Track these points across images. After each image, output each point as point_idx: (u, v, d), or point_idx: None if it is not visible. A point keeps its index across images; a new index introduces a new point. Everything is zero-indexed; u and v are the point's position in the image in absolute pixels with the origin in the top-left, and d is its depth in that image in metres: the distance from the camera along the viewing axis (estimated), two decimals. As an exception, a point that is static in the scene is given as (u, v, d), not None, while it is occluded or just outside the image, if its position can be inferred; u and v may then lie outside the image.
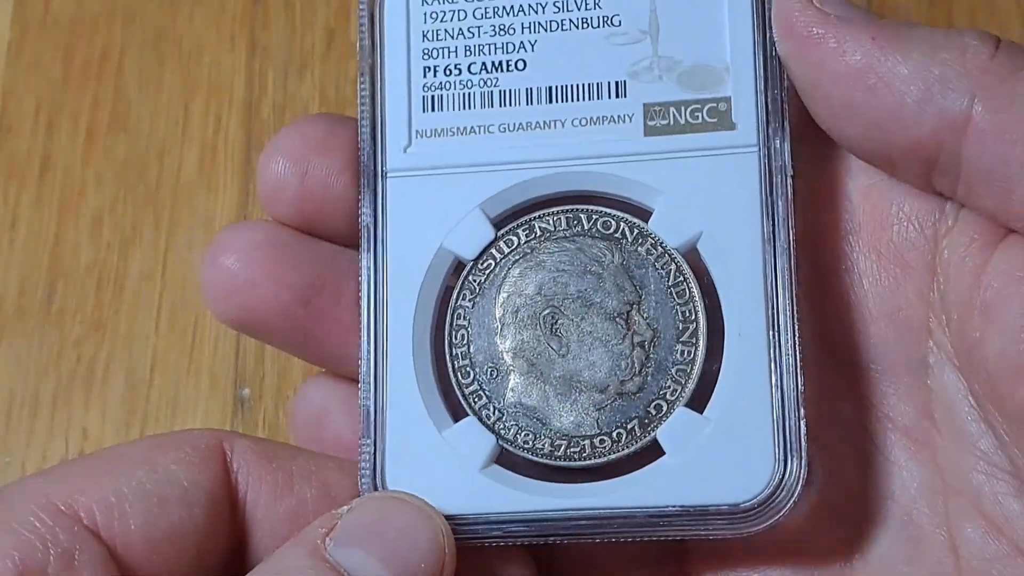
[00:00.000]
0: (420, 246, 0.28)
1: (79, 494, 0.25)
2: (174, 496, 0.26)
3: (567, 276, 0.28)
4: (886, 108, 0.26)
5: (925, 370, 0.28)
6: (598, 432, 0.28)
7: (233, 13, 0.45)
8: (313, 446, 0.30)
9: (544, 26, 0.29)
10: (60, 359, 0.41)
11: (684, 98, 0.28)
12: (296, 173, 0.29)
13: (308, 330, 0.29)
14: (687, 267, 0.28)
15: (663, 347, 0.28)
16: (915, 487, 0.28)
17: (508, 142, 0.28)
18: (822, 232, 0.29)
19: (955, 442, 0.28)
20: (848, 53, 0.26)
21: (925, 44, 0.26)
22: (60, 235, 0.43)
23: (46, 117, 0.44)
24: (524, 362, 0.28)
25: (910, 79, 0.25)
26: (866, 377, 0.29)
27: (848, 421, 0.29)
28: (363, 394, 0.28)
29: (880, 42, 0.26)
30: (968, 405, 0.27)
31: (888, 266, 0.28)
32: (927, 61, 0.25)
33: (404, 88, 0.29)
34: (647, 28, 0.28)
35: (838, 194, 0.29)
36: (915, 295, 0.28)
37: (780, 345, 0.27)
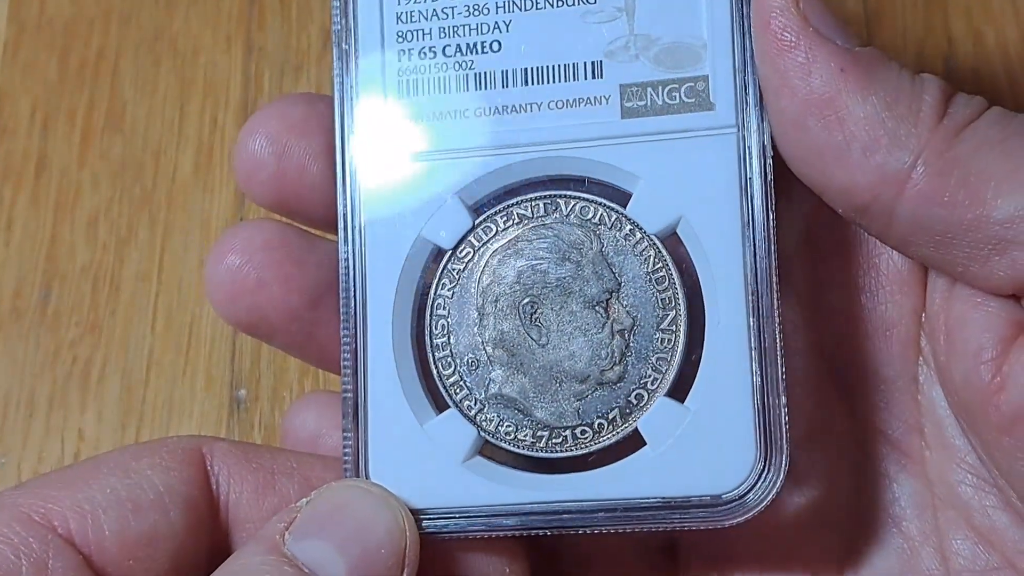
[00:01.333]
0: (398, 235, 0.28)
1: (52, 503, 0.25)
2: (148, 501, 0.26)
3: (546, 264, 0.28)
4: (832, 144, 0.25)
5: (916, 386, 0.28)
6: (579, 422, 0.28)
7: (229, 13, 0.45)
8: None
9: (519, 5, 0.28)
10: (56, 360, 0.41)
11: (661, 78, 0.27)
12: (273, 153, 0.29)
13: (313, 332, 0.29)
14: (666, 253, 0.28)
15: (643, 335, 0.27)
16: (906, 500, 0.28)
17: (484, 127, 0.28)
18: (822, 246, 0.29)
19: (944, 456, 0.28)
20: (813, 75, 0.25)
21: (888, 90, 0.25)
22: (56, 236, 0.43)
23: (42, 118, 0.44)
24: (504, 352, 0.28)
25: (863, 124, 0.25)
26: (860, 391, 0.29)
27: (841, 433, 0.29)
28: (345, 386, 0.28)
29: (847, 75, 0.25)
30: (955, 421, 0.28)
31: (885, 283, 0.28)
32: (884, 110, 0.25)
33: (379, 72, 0.28)
34: (623, 5, 0.28)
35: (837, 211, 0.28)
36: (909, 313, 0.28)
37: (761, 333, 0.26)
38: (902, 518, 0.28)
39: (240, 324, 0.29)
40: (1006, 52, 0.42)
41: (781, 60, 0.26)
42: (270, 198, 0.29)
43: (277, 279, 0.28)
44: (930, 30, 0.43)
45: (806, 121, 0.26)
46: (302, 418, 0.31)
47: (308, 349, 0.30)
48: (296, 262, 0.29)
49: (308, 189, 0.29)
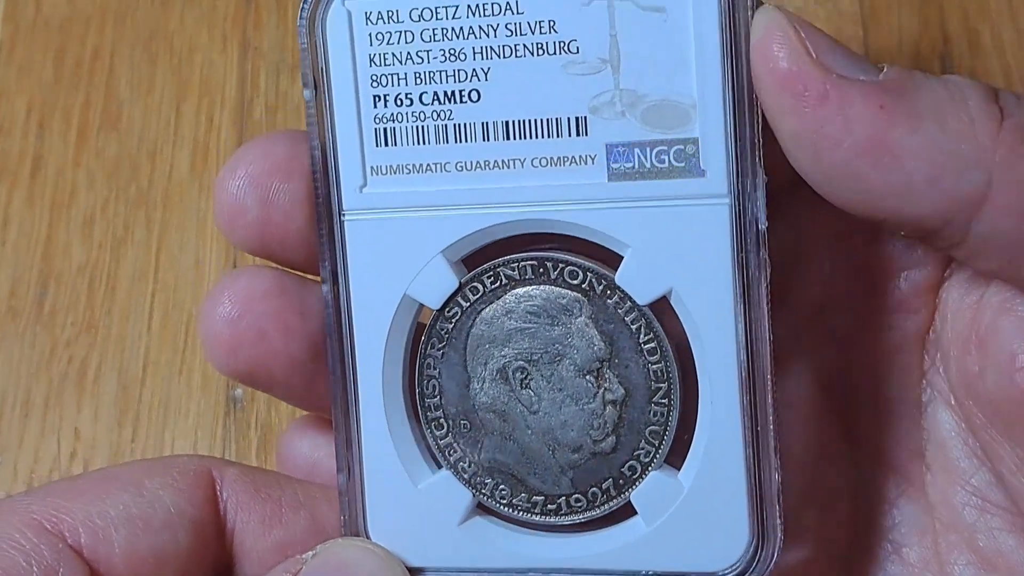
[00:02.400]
0: (384, 292, 0.27)
1: (65, 514, 0.25)
2: (159, 520, 0.26)
3: (535, 328, 0.27)
4: (891, 182, 0.24)
5: (918, 409, 0.28)
6: (573, 491, 0.27)
7: (225, 13, 0.45)
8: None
9: (497, 51, 0.26)
10: (52, 359, 0.41)
11: (649, 138, 0.26)
12: (258, 199, 0.27)
13: (315, 382, 0.28)
14: (658, 324, 0.27)
15: (636, 407, 0.27)
16: (906, 525, 0.28)
17: (467, 182, 0.27)
18: (824, 270, 0.28)
19: (947, 479, 0.28)
20: (854, 122, 0.24)
21: (933, 110, 0.24)
22: (52, 235, 0.43)
23: (37, 117, 0.44)
24: (496, 417, 0.27)
25: (920, 155, 0.24)
26: (859, 414, 0.29)
27: (840, 459, 0.29)
28: (338, 446, 0.27)
29: (889, 111, 0.24)
30: (961, 443, 0.27)
31: (888, 305, 0.28)
32: (938, 135, 0.24)
33: (354, 119, 0.27)
34: (607, 57, 0.26)
35: (841, 234, 0.28)
36: (912, 336, 0.28)
37: (755, 410, 0.26)
38: (902, 544, 0.28)
39: (239, 376, 0.28)
40: (1002, 51, 0.42)
41: (814, 115, 0.24)
42: (253, 243, 0.28)
43: (278, 330, 0.28)
44: (926, 29, 0.43)
45: (859, 170, 0.24)
46: (296, 446, 0.30)
47: (309, 398, 0.29)
48: (296, 311, 0.28)
49: (293, 234, 0.28)
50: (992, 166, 0.24)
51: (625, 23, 0.26)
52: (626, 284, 0.27)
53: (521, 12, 0.26)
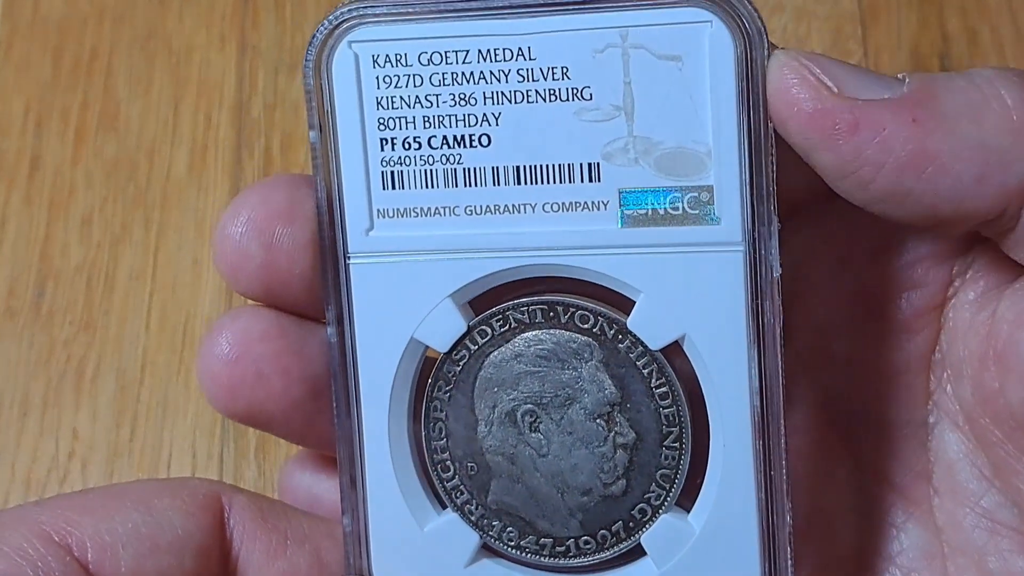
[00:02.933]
0: (390, 336, 0.27)
1: (74, 527, 0.25)
2: (166, 543, 0.26)
3: (545, 372, 0.27)
4: (941, 190, 0.24)
5: (925, 430, 0.28)
6: (582, 533, 0.27)
7: (223, 12, 0.45)
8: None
9: (508, 97, 0.26)
10: (50, 359, 0.41)
11: (662, 185, 0.26)
12: (261, 244, 0.27)
13: (314, 421, 0.28)
14: (670, 369, 0.26)
15: (647, 450, 0.27)
16: (914, 549, 0.28)
17: (476, 227, 0.26)
18: (825, 291, 0.28)
19: (955, 502, 0.27)
20: (893, 143, 0.24)
21: (965, 109, 0.24)
22: (50, 235, 0.43)
23: (35, 117, 0.44)
24: (505, 460, 0.27)
25: (963, 156, 0.24)
26: (863, 438, 0.28)
27: (845, 483, 0.28)
28: (343, 489, 0.27)
29: (921, 123, 0.24)
30: (970, 464, 0.27)
31: (892, 327, 0.28)
32: (977, 131, 0.24)
33: (361, 162, 0.27)
34: (621, 104, 0.26)
35: (841, 254, 0.28)
36: (917, 356, 0.28)
37: (768, 456, 0.26)
38: (911, 569, 0.28)
39: (238, 416, 0.28)
40: (1001, 50, 0.42)
41: (850, 148, 0.24)
42: (257, 289, 0.28)
43: (277, 371, 0.27)
44: (925, 28, 0.43)
45: (907, 186, 0.24)
46: (296, 480, 0.30)
47: (308, 437, 0.29)
48: (295, 352, 0.27)
49: (297, 279, 0.27)
50: None
51: (639, 71, 0.26)
52: (638, 329, 0.26)
53: (534, 58, 0.26)
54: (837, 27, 0.43)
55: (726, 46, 0.25)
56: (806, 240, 0.28)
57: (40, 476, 0.40)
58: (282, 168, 0.43)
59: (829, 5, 0.43)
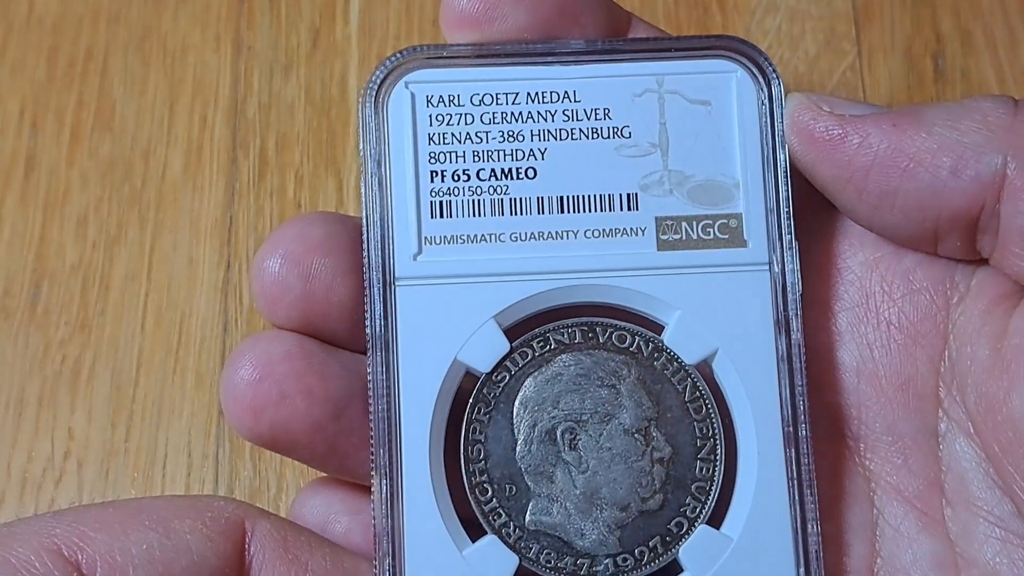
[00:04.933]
0: (433, 358, 0.28)
1: (87, 543, 0.25)
2: (180, 568, 0.25)
3: (584, 390, 0.28)
4: (923, 186, 0.26)
5: (936, 440, 0.28)
6: (621, 551, 0.28)
7: (218, 12, 0.45)
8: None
9: (554, 134, 0.28)
10: (45, 359, 0.41)
11: (695, 213, 0.28)
12: (299, 276, 0.28)
13: (336, 444, 0.28)
14: (704, 384, 0.28)
15: (683, 464, 0.28)
16: (926, 560, 0.28)
17: (520, 252, 0.28)
18: (828, 304, 0.29)
19: (967, 511, 0.27)
20: (874, 144, 0.26)
21: (946, 118, 0.26)
22: (45, 235, 0.43)
23: (30, 117, 0.44)
24: (543, 479, 0.28)
25: (940, 152, 0.26)
26: (874, 448, 0.29)
27: (856, 494, 0.29)
28: (378, 512, 0.27)
29: (902, 126, 0.26)
30: (982, 473, 0.27)
31: (898, 336, 0.28)
32: (952, 132, 0.26)
33: (412, 192, 0.28)
34: (657, 141, 0.28)
35: (842, 267, 0.29)
36: (926, 365, 0.28)
37: (798, 463, 0.27)
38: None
39: (262, 439, 0.28)
40: (995, 50, 0.42)
41: (840, 152, 0.27)
42: (297, 320, 0.28)
43: (300, 392, 0.28)
44: (918, 28, 0.43)
45: (889, 185, 0.26)
46: (310, 506, 0.30)
47: (329, 461, 0.29)
48: (318, 373, 0.28)
49: (336, 308, 0.28)
50: (1007, 150, 0.25)
51: (673, 113, 0.28)
52: (674, 344, 0.28)
53: (578, 100, 0.28)
54: (831, 27, 0.43)
55: (750, 92, 0.28)
56: (808, 255, 0.28)
57: (35, 476, 0.40)
58: (277, 169, 0.43)
59: (823, 5, 0.43)
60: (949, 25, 0.43)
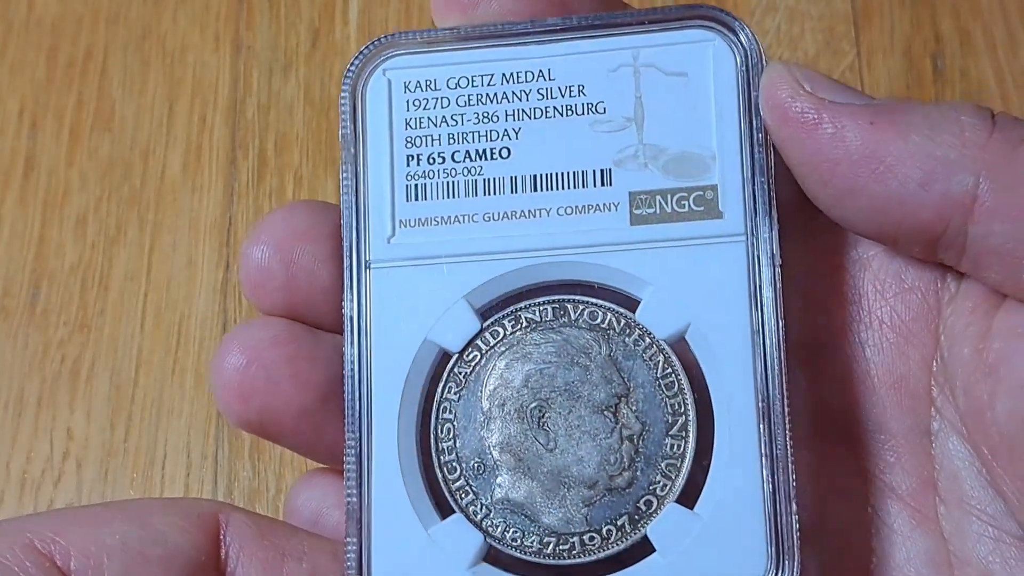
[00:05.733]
0: (404, 338, 0.28)
1: (60, 537, 0.25)
2: (155, 557, 0.26)
3: (554, 368, 0.28)
4: (890, 192, 0.25)
5: (929, 439, 0.28)
6: (587, 529, 0.27)
7: (217, 12, 0.45)
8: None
9: (528, 113, 0.28)
10: (45, 359, 0.41)
11: (670, 186, 0.28)
12: (281, 261, 0.28)
13: (323, 429, 0.28)
14: (676, 359, 0.27)
15: (652, 441, 0.27)
16: (920, 558, 0.28)
17: (493, 231, 0.28)
18: (821, 302, 0.29)
19: (961, 510, 0.27)
20: (848, 139, 0.26)
21: (924, 125, 0.25)
22: (44, 235, 0.43)
23: (30, 117, 0.44)
24: (511, 457, 0.27)
25: (912, 162, 0.25)
26: (868, 447, 0.28)
27: (849, 492, 0.28)
28: (348, 490, 0.27)
29: (880, 126, 0.25)
30: (975, 472, 0.27)
31: (890, 335, 0.28)
32: (928, 143, 0.25)
33: (387, 177, 0.28)
34: (632, 115, 0.28)
35: (836, 264, 0.28)
36: (918, 363, 0.28)
37: (772, 440, 0.27)
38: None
39: (250, 424, 0.28)
40: (994, 50, 0.42)
41: (812, 139, 0.26)
42: (280, 306, 0.28)
43: (287, 376, 0.28)
44: (918, 28, 0.43)
45: (857, 183, 0.26)
46: (304, 498, 0.30)
47: (317, 447, 0.29)
48: (307, 359, 0.28)
49: (318, 294, 0.28)
50: (980, 169, 0.25)
51: (649, 86, 0.28)
52: (647, 320, 0.28)
53: (553, 78, 0.28)
54: (830, 27, 0.43)
55: (727, 61, 0.28)
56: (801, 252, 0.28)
57: (35, 476, 0.40)
58: (276, 169, 0.43)
59: (822, 6, 0.43)
60: (948, 25, 0.43)
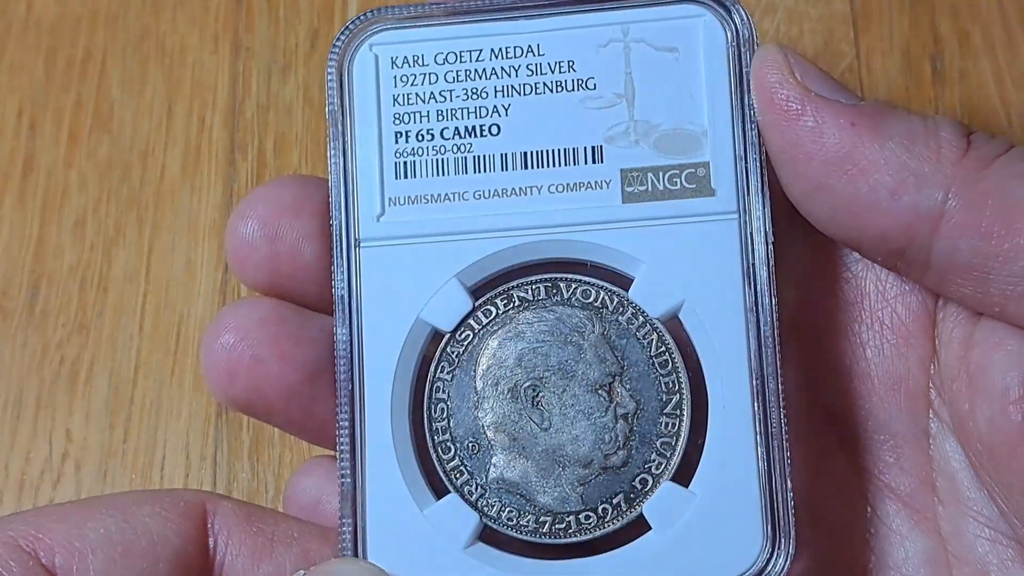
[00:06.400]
0: (396, 318, 0.28)
1: (44, 534, 0.25)
2: (140, 548, 0.26)
3: (547, 347, 0.28)
4: (859, 195, 0.25)
5: (927, 439, 0.28)
6: (583, 508, 0.27)
7: (216, 14, 0.45)
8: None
9: (518, 89, 0.28)
10: (44, 360, 0.41)
11: (662, 163, 0.27)
12: (265, 236, 0.28)
13: (312, 409, 0.28)
14: (669, 337, 0.27)
15: (647, 419, 0.27)
16: (918, 557, 0.28)
17: (483, 209, 0.28)
18: (824, 302, 0.29)
19: (958, 510, 0.27)
20: (826, 136, 0.26)
21: (903, 134, 0.25)
22: (43, 236, 0.43)
23: (29, 118, 0.44)
24: (506, 436, 0.27)
25: (885, 169, 0.25)
26: (867, 447, 0.28)
27: (849, 492, 0.29)
28: (342, 471, 0.27)
29: (859, 129, 0.25)
30: (971, 473, 0.27)
31: (891, 336, 0.28)
32: (904, 152, 0.25)
33: (376, 154, 0.28)
34: (622, 92, 0.28)
35: (839, 265, 0.29)
36: (917, 365, 0.28)
37: (766, 417, 0.26)
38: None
39: (237, 403, 0.29)
40: (992, 52, 0.42)
41: (791, 130, 0.26)
42: (263, 281, 0.29)
43: (274, 356, 0.28)
44: (916, 30, 0.43)
45: (828, 181, 0.26)
46: (304, 485, 0.30)
47: (307, 426, 0.29)
48: (293, 338, 0.28)
49: (302, 270, 0.28)
50: (950, 186, 0.25)
51: (640, 62, 0.28)
52: (640, 298, 0.28)
53: (542, 54, 0.28)
54: (829, 28, 0.43)
55: (718, 36, 0.28)
56: (801, 251, 0.28)
57: (33, 477, 0.40)
58: (275, 170, 0.43)
59: (821, 6, 0.44)
60: (947, 27, 0.43)
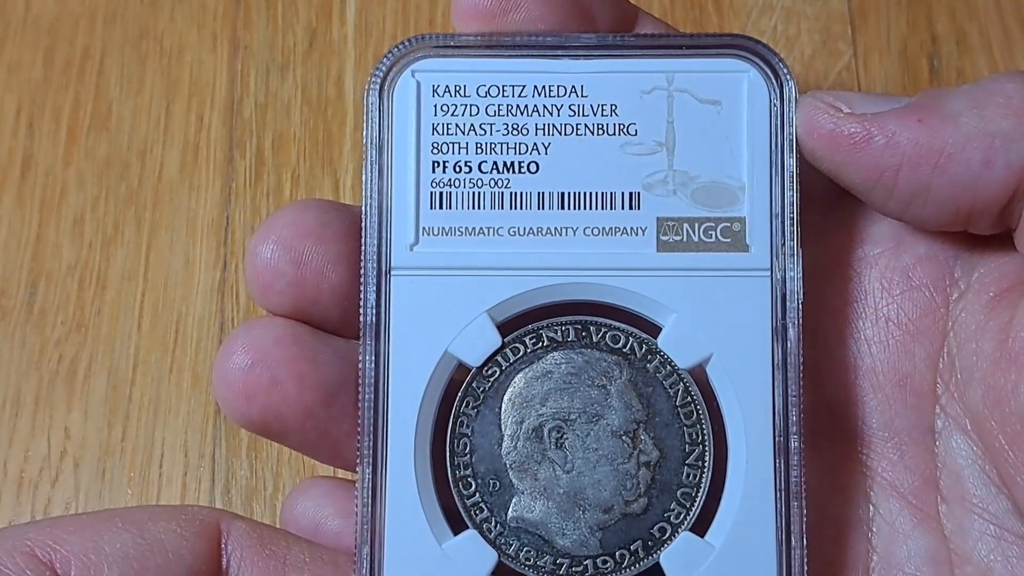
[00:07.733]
0: (424, 349, 0.27)
1: (60, 545, 0.25)
2: (155, 565, 0.26)
3: (574, 389, 0.28)
4: (955, 179, 0.26)
5: (932, 437, 0.28)
6: (601, 552, 0.27)
7: (215, 12, 0.45)
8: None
9: (559, 129, 0.28)
10: (42, 359, 0.41)
11: (698, 215, 0.28)
12: (291, 261, 0.28)
13: (327, 430, 0.28)
14: (696, 389, 0.28)
15: (669, 469, 0.27)
16: (921, 556, 0.28)
17: (518, 247, 0.28)
18: (827, 299, 0.29)
19: (962, 508, 0.27)
20: (902, 144, 0.26)
21: (968, 105, 0.26)
22: (41, 235, 0.43)
23: (27, 117, 0.44)
24: (527, 476, 0.27)
25: (969, 144, 0.25)
26: (870, 444, 0.28)
27: (852, 490, 0.29)
28: (362, 501, 0.27)
29: (927, 121, 0.26)
30: (978, 470, 0.27)
31: (896, 333, 0.28)
32: (979, 121, 0.25)
33: (412, 182, 0.28)
34: (663, 140, 0.28)
35: (842, 263, 0.29)
36: (924, 361, 0.28)
37: (787, 474, 0.27)
38: (917, 575, 0.28)
39: (253, 424, 0.28)
40: (990, 50, 0.42)
41: (867, 155, 0.26)
42: (288, 306, 0.28)
43: (291, 377, 0.28)
44: (914, 28, 0.43)
45: (925, 182, 0.26)
46: (302, 507, 0.30)
47: (321, 448, 0.29)
48: (309, 359, 0.28)
49: (327, 295, 0.28)
50: None
51: (682, 111, 0.28)
52: (668, 348, 0.28)
53: (586, 96, 0.28)
54: (826, 27, 0.43)
55: (762, 93, 0.28)
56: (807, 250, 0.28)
57: (32, 475, 0.40)
58: (273, 168, 0.43)
59: (818, 5, 0.44)
60: (945, 25, 0.43)
